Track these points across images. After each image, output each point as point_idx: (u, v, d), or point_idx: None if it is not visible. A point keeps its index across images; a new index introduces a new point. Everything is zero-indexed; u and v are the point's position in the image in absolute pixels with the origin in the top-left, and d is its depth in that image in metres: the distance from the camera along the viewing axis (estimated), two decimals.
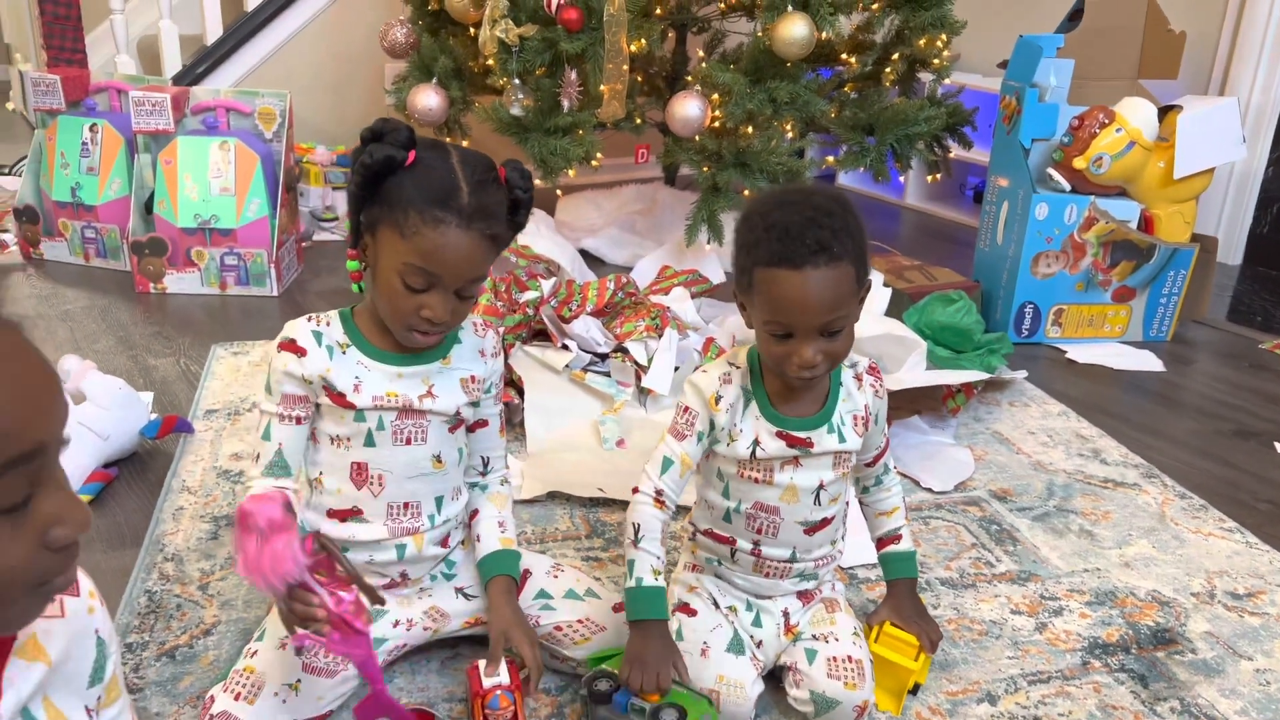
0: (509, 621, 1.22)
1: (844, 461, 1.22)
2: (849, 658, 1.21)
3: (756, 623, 1.26)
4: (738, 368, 1.21)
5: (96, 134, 2.71)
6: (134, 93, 2.62)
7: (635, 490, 1.23)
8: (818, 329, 1.09)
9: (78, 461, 1.66)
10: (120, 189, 2.71)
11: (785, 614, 1.27)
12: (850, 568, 1.56)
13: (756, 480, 1.21)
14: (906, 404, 2.04)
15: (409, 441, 1.20)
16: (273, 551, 0.93)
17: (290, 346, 1.16)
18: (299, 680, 1.15)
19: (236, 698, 1.13)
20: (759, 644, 1.25)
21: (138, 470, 1.77)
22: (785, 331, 1.09)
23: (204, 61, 3.32)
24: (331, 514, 1.22)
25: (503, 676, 1.17)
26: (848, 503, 1.28)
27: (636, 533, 1.21)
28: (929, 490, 1.81)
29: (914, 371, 2.01)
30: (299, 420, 1.18)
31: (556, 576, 1.34)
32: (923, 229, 3.64)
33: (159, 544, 1.55)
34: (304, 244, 2.93)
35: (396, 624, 1.28)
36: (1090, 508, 1.79)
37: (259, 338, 2.34)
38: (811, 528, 1.22)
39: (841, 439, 1.20)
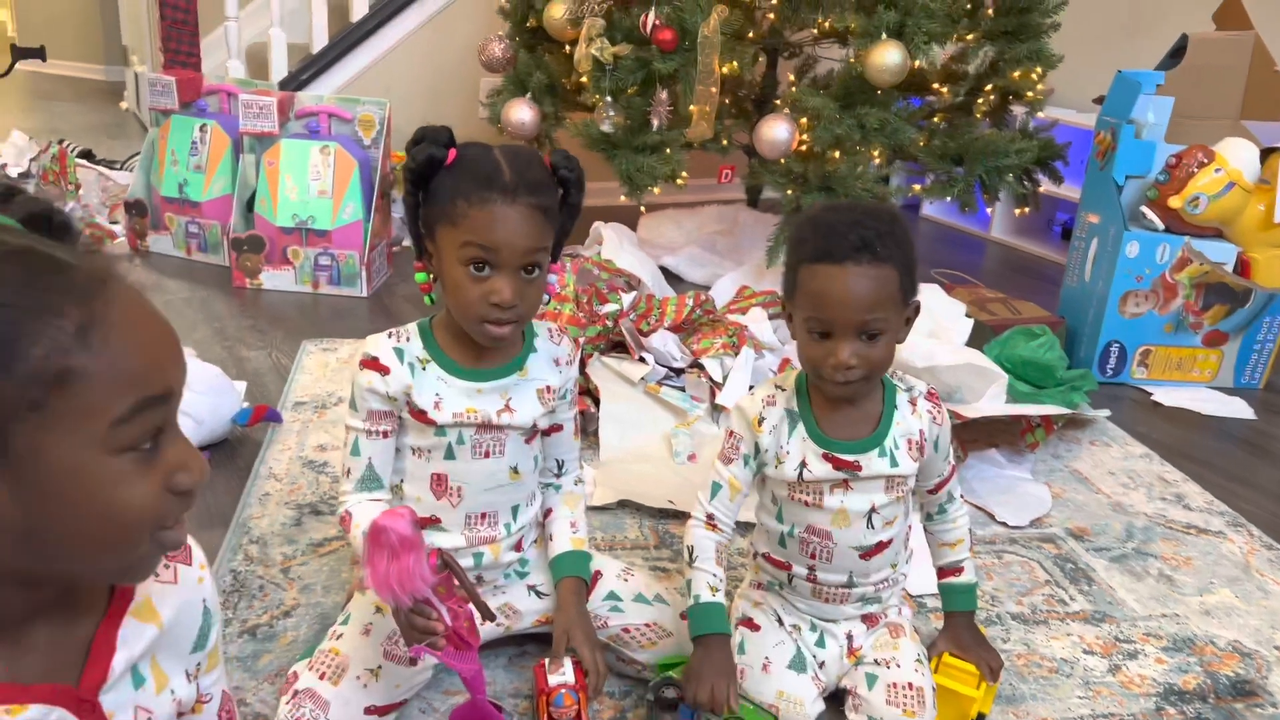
0: (573, 622, 1.24)
1: (898, 485, 1.20)
2: (909, 685, 1.20)
3: (820, 643, 1.26)
4: (783, 389, 1.22)
5: (205, 134, 2.83)
6: (243, 96, 2.73)
7: (690, 515, 1.26)
8: (855, 328, 1.09)
9: None
10: (224, 187, 2.82)
11: (849, 636, 1.26)
12: (919, 596, 1.55)
13: (807, 503, 1.20)
14: (984, 437, 2.02)
15: (487, 455, 1.23)
16: (402, 568, 0.98)
17: (373, 364, 1.18)
18: (380, 666, 1.19)
19: (321, 676, 1.17)
20: (821, 664, 1.25)
21: (228, 455, 1.84)
22: (824, 329, 1.10)
23: (309, 68, 3.45)
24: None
25: (568, 675, 1.19)
26: (910, 525, 1.27)
27: (691, 554, 1.24)
28: (1003, 524, 1.79)
29: (993, 403, 1.99)
30: (385, 435, 1.21)
31: (627, 580, 1.35)
32: (1007, 262, 3.59)
33: (245, 527, 1.61)
34: (394, 248, 3.01)
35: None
36: (1171, 552, 1.74)
37: (347, 336, 2.42)
38: (867, 552, 1.21)
39: (894, 463, 1.18)
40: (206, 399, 1.79)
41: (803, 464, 1.18)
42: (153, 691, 0.71)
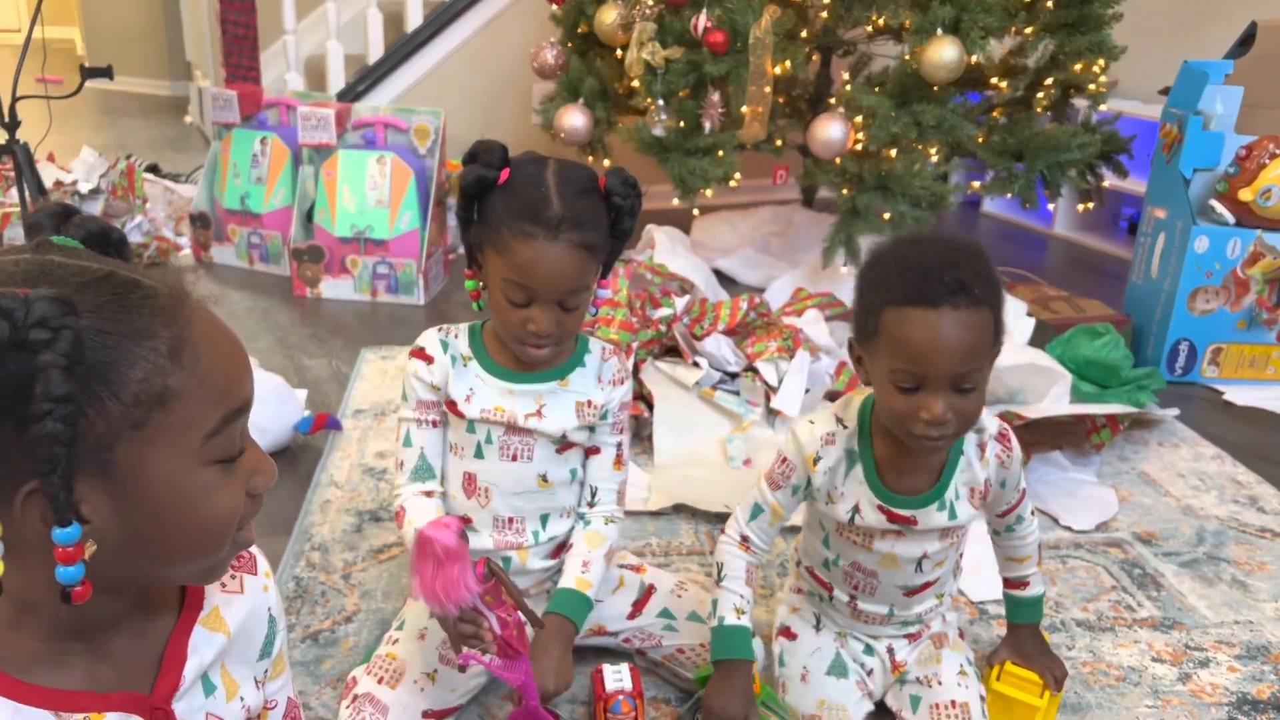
0: (545, 663, 1.15)
1: (954, 533, 1.16)
2: (953, 702, 1.17)
3: (868, 651, 1.24)
4: (845, 426, 1.14)
5: (266, 146, 2.89)
6: (302, 108, 2.78)
7: (723, 530, 1.21)
8: (950, 380, 1.00)
9: None
10: (284, 198, 2.88)
11: (890, 651, 1.24)
12: (981, 603, 1.52)
13: (855, 543, 1.16)
14: (1048, 438, 1.97)
15: (515, 458, 1.23)
16: (447, 577, 0.99)
17: (420, 354, 1.22)
18: (436, 671, 1.20)
19: (379, 681, 1.18)
20: (869, 671, 1.23)
21: (290, 463, 1.87)
22: (913, 384, 1.01)
23: (365, 79, 3.50)
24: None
25: (625, 682, 1.19)
26: (961, 554, 1.23)
27: (720, 573, 1.19)
28: (1068, 529, 1.74)
29: (1057, 404, 1.95)
30: (434, 424, 1.23)
31: (681, 596, 1.34)
32: (1071, 259, 3.51)
33: (307, 534, 1.64)
34: (450, 256, 3.04)
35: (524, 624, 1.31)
36: (1244, 557, 1.69)
37: (405, 344, 2.44)
38: (912, 591, 1.18)
39: (953, 515, 1.13)
40: (270, 407, 1.83)
41: (855, 508, 1.13)
42: (223, 699, 0.73)
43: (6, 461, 0.56)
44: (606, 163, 3.09)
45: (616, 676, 1.19)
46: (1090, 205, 2.91)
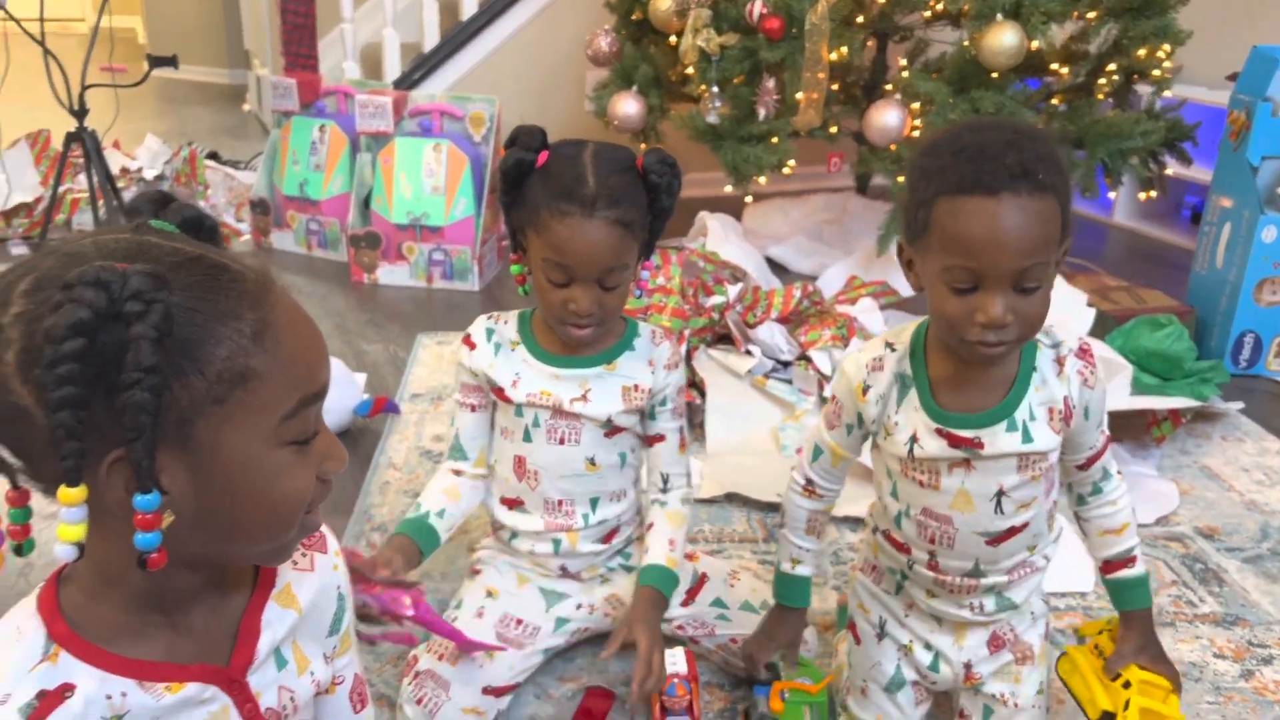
0: (640, 618, 1.18)
1: (1034, 464, 1.01)
2: None
3: (933, 667, 1.14)
4: (894, 349, 1.04)
5: (324, 134, 2.93)
6: (359, 96, 2.82)
7: (792, 471, 1.17)
8: (1011, 277, 0.89)
9: None
10: (342, 185, 2.92)
11: (968, 666, 1.12)
12: (1051, 593, 1.51)
13: (921, 483, 1.04)
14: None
15: (562, 441, 1.24)
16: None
17: (466, 340, 1.26)
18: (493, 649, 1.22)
19: (440, 658, 1.21)
20: (933, 682, 1.15)
21: (349, 445, 1.91)
22: (969, 283, 0.91)
23: (421, 68, 3.54)
24: (503, 500, 1.30)
25: (680, 665, 1.20)
26: (1055, 501, 1.08)
27: (782, 518, 1.19)
28: None
29: (1117, 396, 1.92)
30: (474, 408, 1.27)
31: (733, 585, 1.35)
32: (1132, 249, 3.45)
33: (367, 514, 1.68)
34: (504, 242, 3.07)
35: (579, 607, 1.33)
36: None
37: (460, 329, 2.46)
38: (995, 538, 1.04)
39: (1027, 438, 0.99)
40: (330, 390, 1.86)
41: (914, 438, 1.02)
42: (295, 673, 0.75)
43: (96, 429, 0.58)
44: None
45: (672, 660, 1.20)
46: (1152, 194, 2.86)
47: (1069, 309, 2.27)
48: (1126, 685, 1.04)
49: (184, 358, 0.59)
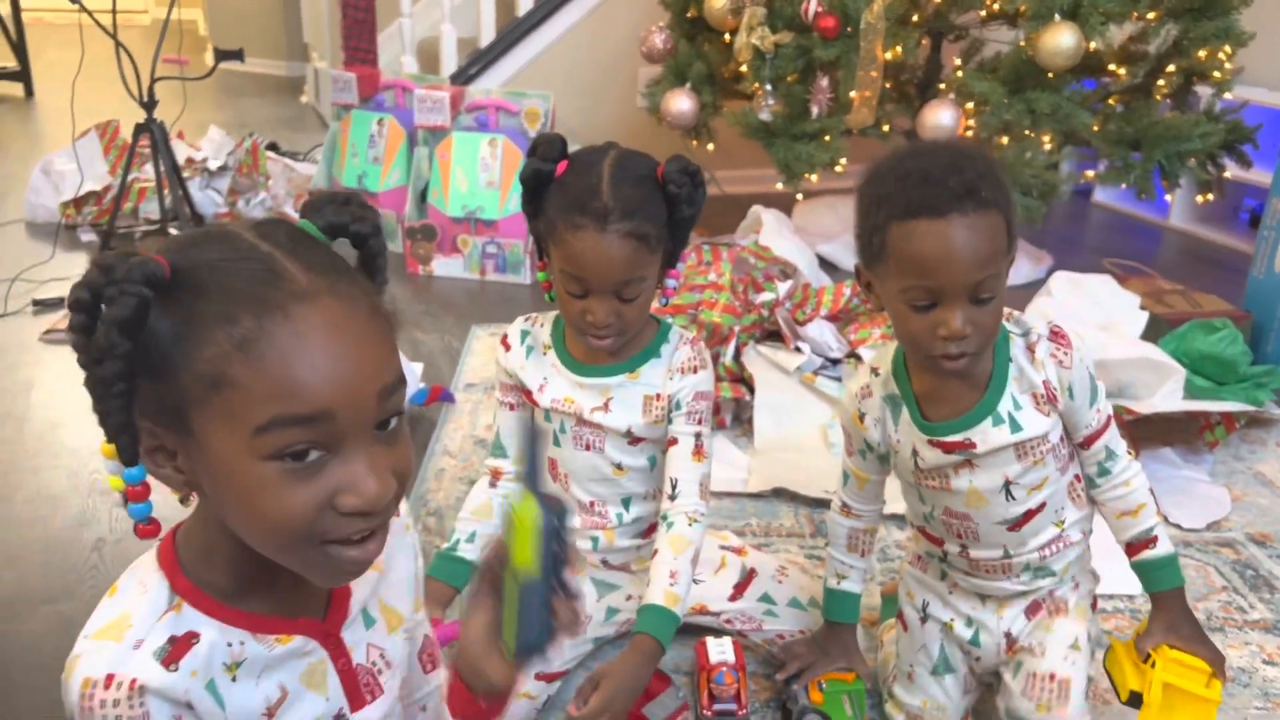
0: (615, 673, 1.13)
1: (1033, 449, 1.05)
2: (1051, 676, 1.09)
3: (974, 641, 1.18)
4: (878, 373, 1.10)
5: (383, 127, 2.99)
6: (418, 91, 2.88)
7: (833, 495, 1.25)
8: (966, 290, 0.95)
9: None
10: (399, 178, 2.98)
11: (1008, 635, 1.15)
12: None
13: (934, 487, 1.10)
14: (1158, 434, 1.94)
15: (588, 448, 1.25)
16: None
17: (503, 340, 1.28)
18: None
19: None
20: (977, 659, 1.19)
21: None
22: (928, 300, 0.96)
23: (477, 63, 3.59)
24: (545, 499, 1.32)
25: (728, 655, 1.23)
26: (1077, 476, 1.12)
27: (827, 536, 1.25)
28: (1177, 526, 1.72)
29: (1169, 400, 1.91)
30: (512, 406, 1.29)
31: (782, 581, 1.37)
32: (1188, 252, 3.40)
33: (423, 500, 1.72)
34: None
35: (629, 598, 1.36)
36: None
37: (512, 321, 2.52)
38: (1015, 523, 1.09)
39: (1016, 427, 1.04)
40: None
41: (914, 452, 1.08)
42: (384, 631, 0.80)
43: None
44: (710, 147, 3.11)
45: (720, 649, 1.23)
46: (1210, 196, 2.82)
47: (1122, 311, 2.26)
48: (1154, 665, 1.05)
49: (173, 350, 0.61)
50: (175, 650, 0.67)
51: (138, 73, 2.71)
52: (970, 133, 2.56)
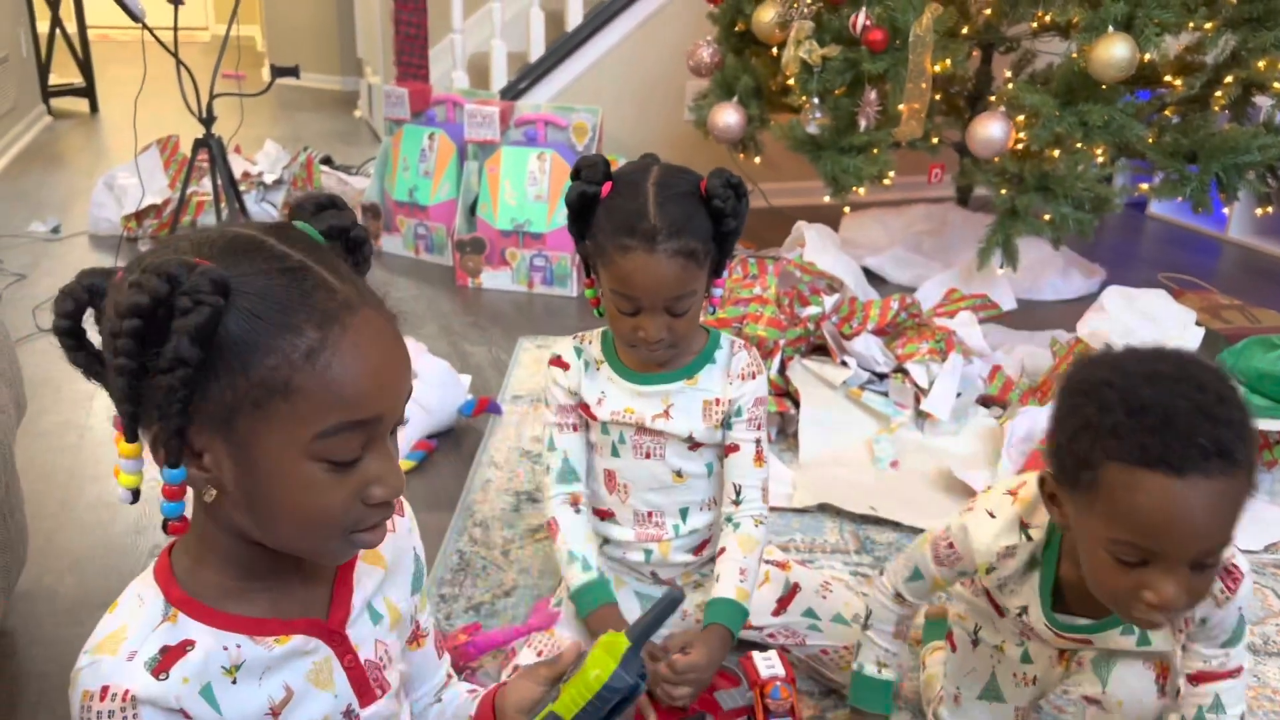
0: (699, 644, 1.18)
1: (1149, 654, 1.02)
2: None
3: (1025, 659, 1.16)
4: (1030, 538, 0.97)
5: (434, 142, 3.04)
6: (468, 106, 2.91)
7: (880, 572, 1.17)
8: (1191, 559, 0.81)
9: (406, 431, 1.89)
10: (449, 192, 3.02)
11: (1060, 651, 1.14)
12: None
13: (1026, 633, 1.07)
14: None
15: (648, 456, 1.27)
16: None
17: (557, 362, 1.29)
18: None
19: (539, 655, 1.26)
20: (1033, 680, 1.16)
21: (454, 443, 1.98)
22: (1139, 559, 0.82)
23: (526, 77, 3.62)
24: (595, 512, 1.33)
25: (778, 669, 1.22)
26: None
27: (867, 619, 1.17)
28: (1234, 548, 1.68)
29: None
30: (575, 428, 1.29)
31: (825, 597, 1.36)
32: (1246, 266, 3.33)
33: (469, 510, 1.74)
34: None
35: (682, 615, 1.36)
36: None
37: (559, 334, 2.53)
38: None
39: (1144, 641, 0.99)
40: (436, 391, 1.94)
41: (1025, 609, 1.02)
42: (388, 627, 0.82)
43: (149, 401, 0.64)
44: (758, 160, 3.11)
45: (768, 664, 1.22)
46: (1269, 209, 2.76)
47: (1177, 327, 2.22)
48: None
49: (233, 357, 0.63)
50: (166, 659, 0.69)
51: (197, 89, 2.78)
52: (1021, 145, 2.54)
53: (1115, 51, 2.30)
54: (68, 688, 0.70)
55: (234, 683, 0.72)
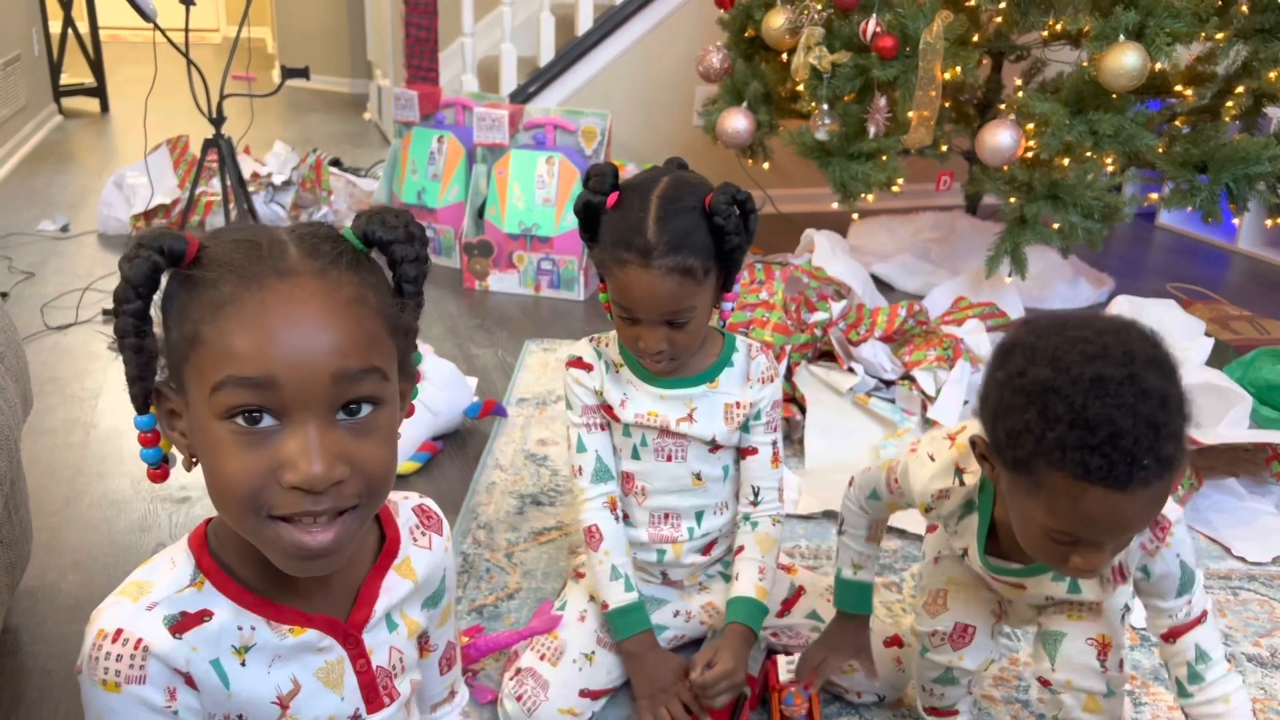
0: (728, 648, 1.22)
1: (1088, 604, 1.05)
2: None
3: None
4: (964, 482, 1.01)
5: (442, 145, 3.04)
6: (477, 109, 2.92)
7: (849, 484, 1.19)
8: (1118, 542, 0.88)
9: (412, 432, 1.88)
10: (457, 195, 3.02)
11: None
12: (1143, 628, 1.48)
13: (979, 577, 1.11)
14: (1223, 464, 1.89)
15: (670, 459, 1.27)
16: None
17: (578, 363, 1.29)
18: (593, 652, 1.27)
19: (542, 658, 1.26)
20: (1008, 603, 1.15)
21: (459, 445, 1.98)
22: (1072, 540, 0.87)
23: (535, 81, 3.63)
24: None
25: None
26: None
27: (841, 524, 1.20)
28: (1241, 559, 1.67)
29: (1234, 429, 1.86)
30: (602, 427, 1.29)
31: (830, 600, 1.36)
32: (1256, 277, 3.32)
33: (474, 513, 1.74)
34: None
35: (676, 614, 1.37)
36: None
37: (566, 337, 2.54)
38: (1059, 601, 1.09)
39: (1075, 589, 1.02)
40: (443, 393, 1.94)
41: (965, 551, 1.07)
42: (404, 636, 0.82)
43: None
44: (766, 166, 3.11)
45: (790, 666, 1.22)
46: None
47: (1186, 337, 2.21)
48: None
49: (177, 312, 0.67)
50: (184, 622, 0.71)
51: (207, 89, 2.79)
52: (1030, 153, 2.53)
53: (1126, 61, 2.30)
54: (70, 685, 0.70)
55: (242, 665, 0.72)
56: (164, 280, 0.68)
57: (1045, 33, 2.68)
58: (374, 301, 0.70)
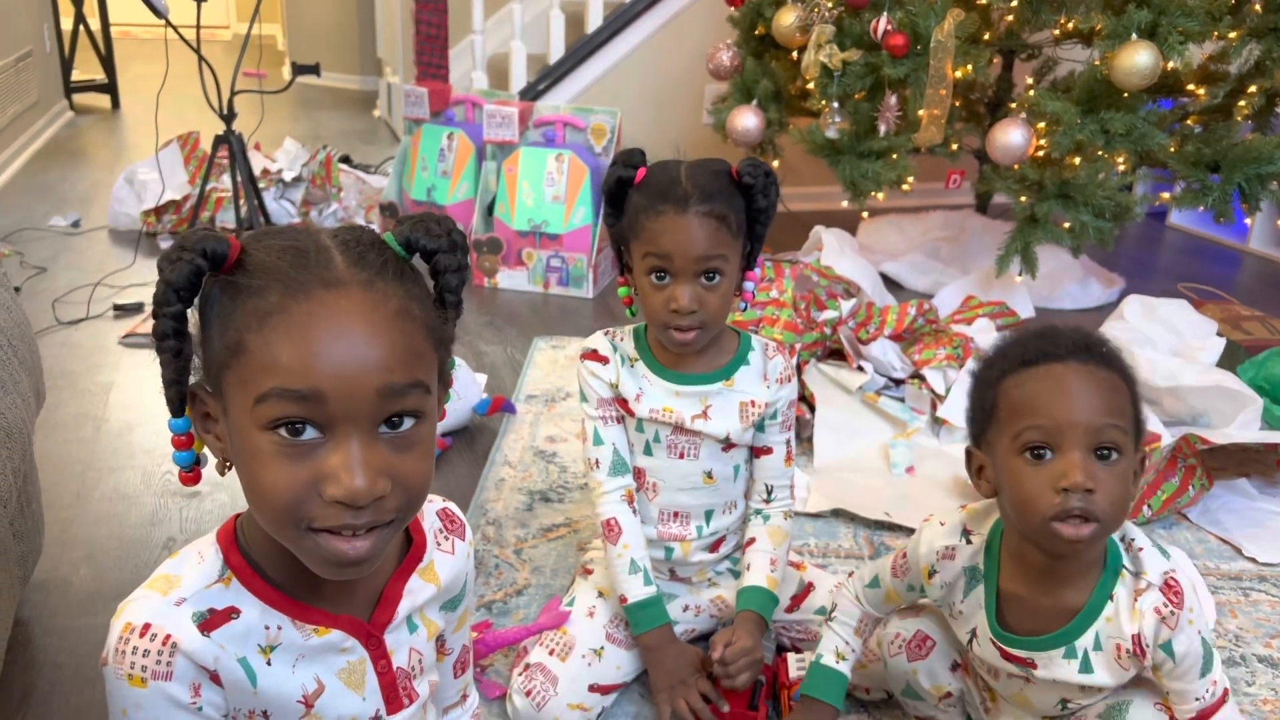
0: (741, 630, 1.22)
1: (1095, 691, 0.99)
2: None
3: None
4: (970, 541, 1.02)
5: (452, 142, 3.04)
6: (487, 106, 2.92)
7: (849, 574, 1.19)
8: (1086, 437, 0.88)
9: None
10: (467, 191, 3.02)
11: None
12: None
13: (981, 672, 1.08)
14: (1234, 465, 1.88)
15: (682, 456, 1.28)
16: None
17: (594, 356, 1.29)
18: (602, 648, 1.27)
19: (550, 653, 1.26)
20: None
21: (468, 442, 1.98)
22: (1043, 442, 0.90)
23: (545, 79, 3.63)
24: None
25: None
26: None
27: (832, 611, 1.18)
28: (1251, 560, 1.67)
29: (1245, 430, 1.86)
30: (618, 420, 1.30)
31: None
32: (1267, 277, 3.30)
33: (482, 509, 1.74)
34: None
35: (686, 609, 1.37)
36: None
37: (575, 334, 2.54)
38: (1060, 717, 1.06)
39: (1086, 668, 0.96)
40: (452, 388, 1.94)
41: (974, 633, 1.03)
42: (424, 638, 0.83)
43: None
44: (776, 164, 3.11)
45: (800, 664, 1.22)
46: None
47: (1198, 337, 2.20)
48: None
49: (217, 318, 0.67)
50: (213, 619, 0.70)
51: (218, 86, 2.80)
52: (1041, 152, 2.52)
53: (1138, 59, 2.29)
54: (81, 678, 0.70)
55: (268, 664, 0.73)
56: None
57: (1057, 31, 2.67)
58: (418, 314, 0.69)
